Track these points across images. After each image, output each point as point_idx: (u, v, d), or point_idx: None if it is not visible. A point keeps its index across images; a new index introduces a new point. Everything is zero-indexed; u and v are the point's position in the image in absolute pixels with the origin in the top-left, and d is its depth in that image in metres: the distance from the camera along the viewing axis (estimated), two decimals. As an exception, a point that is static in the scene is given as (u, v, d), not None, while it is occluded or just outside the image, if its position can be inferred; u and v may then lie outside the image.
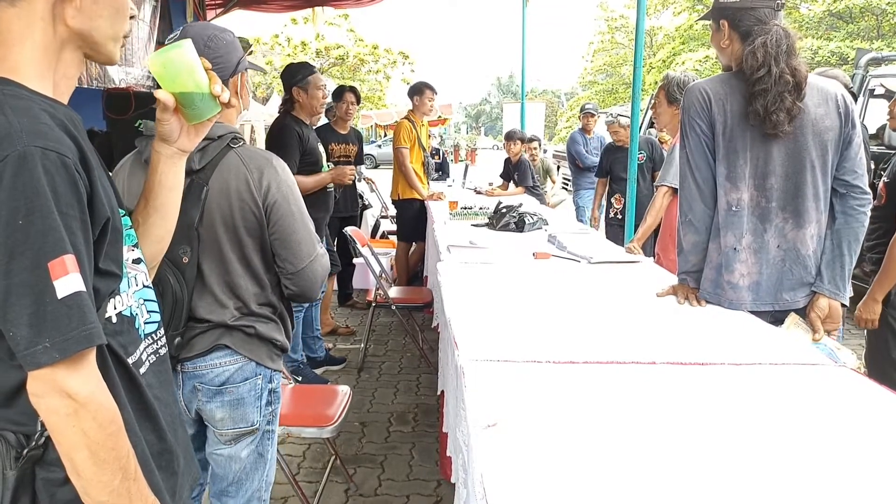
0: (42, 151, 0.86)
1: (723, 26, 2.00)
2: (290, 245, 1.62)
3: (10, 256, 0.83)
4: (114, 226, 0.98)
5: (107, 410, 0.90)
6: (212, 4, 6.58)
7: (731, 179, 1.97)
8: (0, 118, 0.86)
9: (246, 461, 1.69)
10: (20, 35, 0.93)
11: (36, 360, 0.84)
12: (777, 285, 1.99)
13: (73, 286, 0.85)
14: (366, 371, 4.17)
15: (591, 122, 7.21)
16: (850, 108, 1.96)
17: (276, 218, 1.60)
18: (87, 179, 0.92)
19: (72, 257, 0.86)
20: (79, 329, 0.86)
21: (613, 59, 29.71)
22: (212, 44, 1.56)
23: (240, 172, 1.58)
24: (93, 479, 0.89)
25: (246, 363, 1.64)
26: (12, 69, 0.93)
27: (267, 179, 1.59)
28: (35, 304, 0.84)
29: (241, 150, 1.61)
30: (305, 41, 20.16)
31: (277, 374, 1.72)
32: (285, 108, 3.67)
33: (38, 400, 0.86)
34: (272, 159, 1.64)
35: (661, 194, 3.32)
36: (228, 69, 1.59)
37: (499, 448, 1.16)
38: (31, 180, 0.84)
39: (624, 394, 1.42)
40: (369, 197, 6.87)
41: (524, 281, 2.46)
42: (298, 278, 1.65)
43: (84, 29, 0.97)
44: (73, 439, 0.87)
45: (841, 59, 14.92)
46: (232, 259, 1.60)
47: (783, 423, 1.30)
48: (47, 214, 0.84)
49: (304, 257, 1.64)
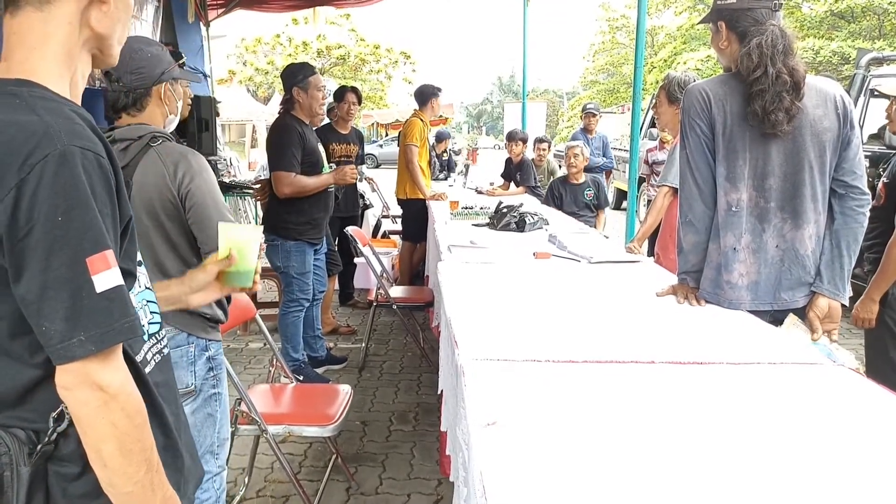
0: (81, 151, 0.88)
1: (721, 28, 2.00)
2: (204, 228, 1.82)
3: (49, 252, 0.85)
4: (132, 225, 1.01)
5: (135, 401, 0.92)
6: (213, 4, 6.59)
7: (730, 180, 1.98)
8: (34, 118, 0.88)
9: (194, 419, 1.88)
10: (42, 38, 0.95)
11: (70, 354, 0.86)
12: (776, 285, 2.00)
13: (112, 280, 0.88)
14: (367, 370, 4.18)
15: (592, 122, 7.21)
16: (848, 108, 1.96)
17: (191, 204, 1.81)
18: (115, 178, 0.94)
19: (111, 252, 0.89)
20: (120, 321, 0.89)
21: (614, 59, 29.68)
22: (136, 55, 1.78)
23: (157, 167, 1.78)
24: (119, 469, 0.91)
25: (177, 333, 1.84)
26: (32, 71, 0.94)
27: (181, 171, 1.79)
28: (72, 299, 0.86)
29: (159, 147, 1.80)
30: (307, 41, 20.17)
31: (214, 343, 1.94)
32: (285, 108, 3.68)
33: (67, 392, 0.88)
34: (187, 153, 1.84)
35: (661, 194, 3.33)
36: (151, 78, 1.82)
37: (498, 446, 1.17)
38: (71, 178, 0.86)
39: (623, 393, 1.42)
40: (370, 197, 6.88)
41: (524, 280, 2.47)
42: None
43: (105, 32, 1.01)
44: (102, 431, 0.89)
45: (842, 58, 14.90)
46: (159, 243, 1.81)
47: (781, 422, 1.30)
48: (87, 211, 0.87)
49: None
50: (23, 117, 0.88)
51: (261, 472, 2.87)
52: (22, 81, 0.93)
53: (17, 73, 0.94)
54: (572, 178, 5.19)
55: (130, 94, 1.80)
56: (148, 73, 1.80)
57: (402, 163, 5.29)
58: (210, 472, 1.89)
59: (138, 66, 1.79)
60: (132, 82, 1.79)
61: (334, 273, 4.57)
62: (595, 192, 5.16)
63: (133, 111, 1.83)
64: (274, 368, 3.17)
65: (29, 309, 0.86)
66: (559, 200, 5.15)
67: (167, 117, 1.89)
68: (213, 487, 1.91)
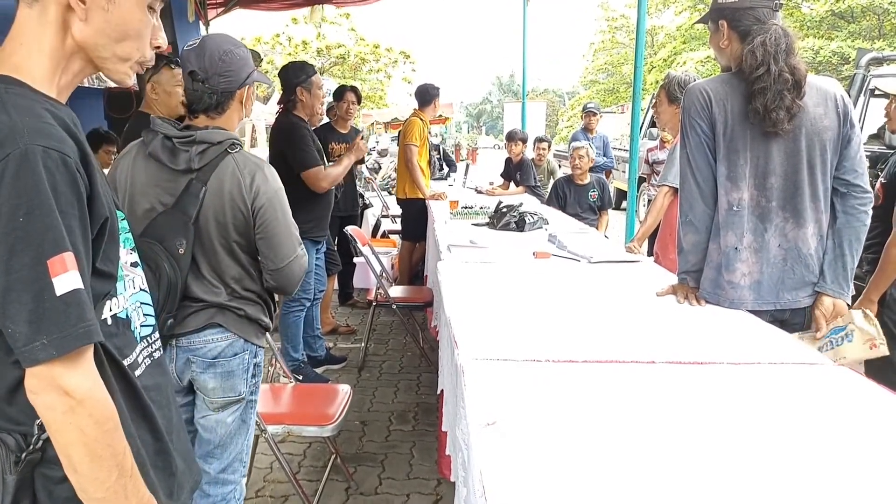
0: (44, 150, 0.87)
1: (721, 27, 2.00)
2: (272, 245, 1.79)
3: (11, 253, 0.84)
4: (111, 227, 0.98)
5: (104, 408, 0.91)
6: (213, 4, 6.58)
7: (731, 179, 1.98)
8: (3, 117, 0.87)
9: (231, 426, 1.86)
10: (32, 36, 0.95)
11: (34, 357, 0.85)
12: (778, 284, 2.00)
13: (71, 283, 0.86)
14: (366, 370, 4.17)
15: (592, 122, 7.21)
16: (848, 107, 1.96)
17: (262, 221, 1.76)
18: (88, 179, 0.92)
19: (70, 255, 0.87)
20: (76, 326, 0.87)
21: (614, 59, 29.66)
22: (226, 58, 1.73)
23: (234, 176, 1.73)
24: (89, 475, 0.90)
25: (236, 339, 1.81)
26: (18, 67, 0.94)
27: (257, 184, 1.74)
28: (34, 301, 0.85)
29: (238, 155, 1.75)
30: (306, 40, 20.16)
31: (261, 350, 1.92)
32: (286, 107, 3.67)
33: (35, 396, 0.87)
34: (263, 167, 1.79)
35: (661, 194, 3.33)
36: (238, 81, 1.76)
37: (498, 446, 1.16)
38: (32, 179, 0.85)
39: (623, 393, 1.42)
40: (370, 196, 6.88)
41: (524, 280, 2.47)
42: (278, 275, 1.83)
43: (89, 43, 0.98)
44: (69, 436, 0.88)
45: (842, 59, 14.89)
46: (220, 251, 1.76)
47: (781, 422, 1.30)
48: (48, 213, 0.85)
49: (284, 258, 1.81)
50: None
51: (260, 472, 2.87)
52: (2, 77, 0.92)
53: (2, 67, 0.94)
54: (577, 179, 5.16)
55: (215, 96, 1.74)
56: (236, 77, 1.75)
57: (402, 162, 5.29)
58: (234, 481, 1.88)
59: (228, 68, 1.72)
60: (220, 84, 1.73)
61: (333, 272, 4.57)
62: (599, 193, 5.13)
63: (213, 114, 1.77)
64: (273, 368, 3.17)
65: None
66: (563, 200, 5.13)
67: (241, 120, 1.85)
68: (234, 497, 1.89)
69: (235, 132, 1.83)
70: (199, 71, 1.71)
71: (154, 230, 1.67)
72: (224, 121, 1.79)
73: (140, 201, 1.73)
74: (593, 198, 5.11)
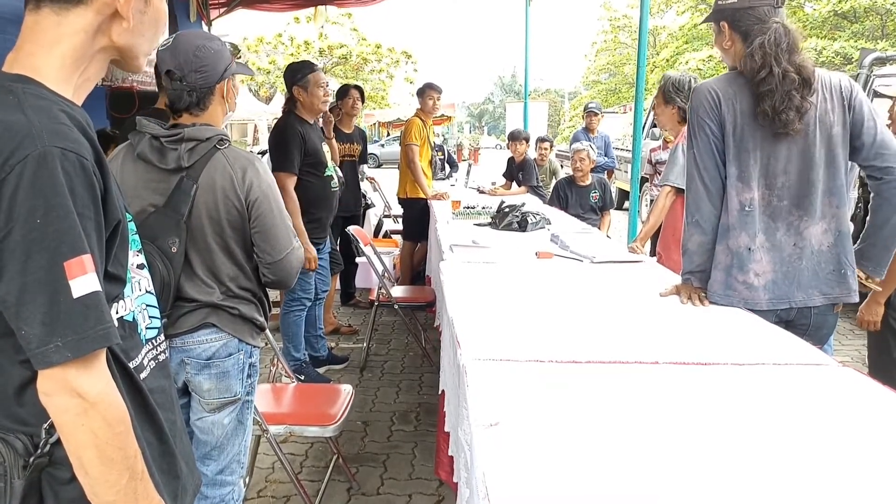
0: (62, 152, 0.87)
1: (723, 28, 1.99)
2: (269, 238, 1.79)
3: (27, 255, 0.84)
4: (123, 229, 0.98)
5: (116, 410, 0.90)
6: (215, 4, 6.58)
7: (742, 179, 1.96)
8: (20, 117, 0.87)
9: (227, 427, 1.85)
10: (54, 40, 0.95)
11: (48, 359, 0.85)
12: (792, 283, 1.98)
13: (89, 286, 0.86)
14: (368, 370, 4.17)
15: (594, 122, 7.19)
16: (854, 92, 1.95)
17: (257, 214, 1.76)
18: (102, 181, 0.93)
19: (89, 257, 0.87)
20: (95, 328, 0.87)
21: (616, 59, 29.66)
22: (200, 53, 1.71)
23: (225, 172, 1.73)
24: (100, 478, 0.89)
25: (230, 339, 1.80)
26: (36, 68, 0.94)
27: (249, 178, 1.75)
28: (49, 303, 0.84)
29: (227, 150, 1.75)
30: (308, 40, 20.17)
31: (257, 350, 1.91)
32: (288, 108, 3.67)
33: (47, 398, 0.87)
34: (254, 160, 1.79)
35: (664, 194, 3.32)
36: (215, 76, 1.74)
37: (501, 447, 1.16)
38: (50, 180, 0.85)
39: (626, 393, 1.42)
40: (372, 196, 6.87)
41: (527, 280, 2.46)
42: (276, 268, 1.83)
43: (126, 45, 1.01)
44: (81, 438, 0.87)
45: (845, 59, 14.88)
46: (215, 249, 1.76)
47: (785, 423, 1.29)
48: (65, 215, 0.85)
49: (282, 249, 1.82)
50: (10, 116, 0.87)
51: (261, 472, 2.86)
52: (20, 77, 0.92)
53: (20, 67, 0.94)
54: (578, 181, 5.14)
55: (194, 93, 1.72)
56: (212, 71, 1.73)
57: (404, 162, 5.29)
58: (232, 483, 1.88)
59: (203, 63, 1.71)
60: (197, 81, 1.71)
61: (335, 272, 4.56)
62: (601, 194, 5.12)
63: (196, 110, 1.75)
64: (275, 368, 3.17)
65: (8, 311, 0.85)
66: (564, 202, 5.11)
67: (226, 114, 1.84)
68: (233, 499, 1.89)
69: (222, 127, 1.82)
70: (175, 69, 1.69)
71: (146, 230, 1.65)
72: (208, 117, 1.78)
73: (131, 204, 1.71)
74: (595, 199, 5.10)
